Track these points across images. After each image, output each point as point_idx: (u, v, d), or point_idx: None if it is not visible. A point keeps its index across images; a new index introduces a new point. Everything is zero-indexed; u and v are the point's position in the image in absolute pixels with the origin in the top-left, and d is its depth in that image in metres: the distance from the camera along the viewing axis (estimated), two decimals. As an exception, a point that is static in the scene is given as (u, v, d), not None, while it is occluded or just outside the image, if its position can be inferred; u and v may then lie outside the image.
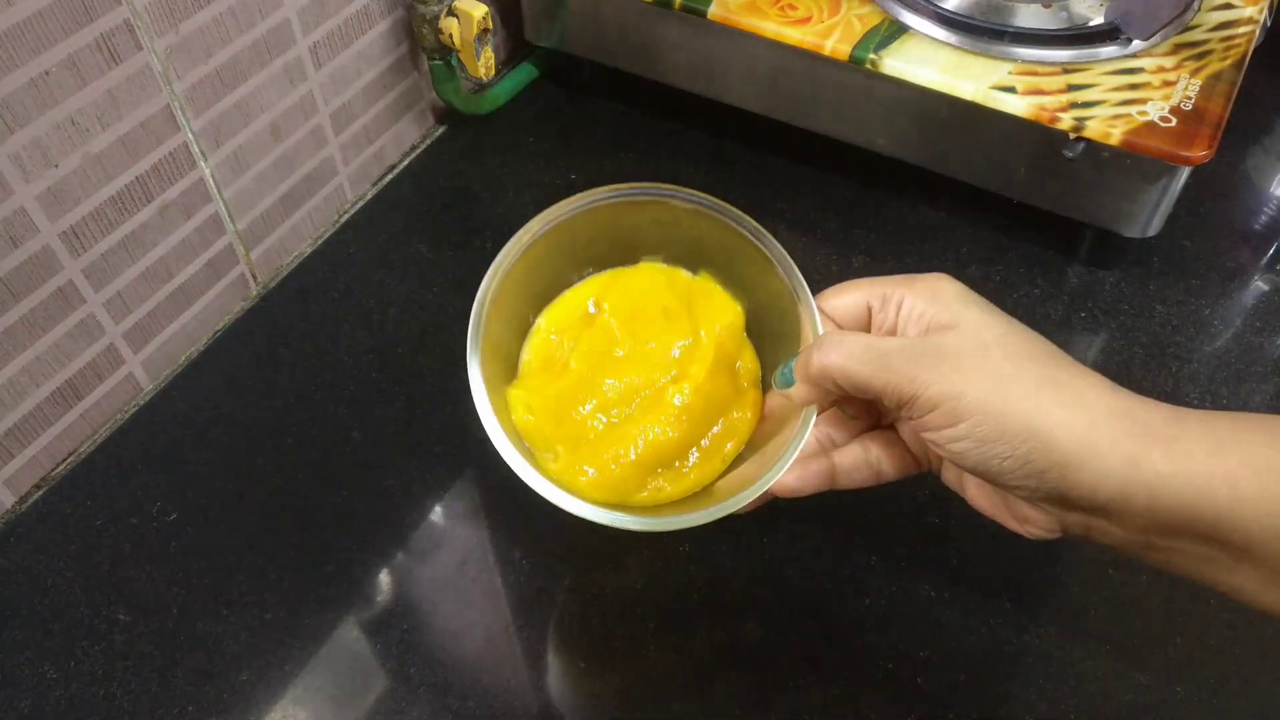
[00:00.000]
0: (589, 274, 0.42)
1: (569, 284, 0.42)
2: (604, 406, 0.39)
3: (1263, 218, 0.63)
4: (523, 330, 0.41)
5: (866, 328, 0.36)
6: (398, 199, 0.63)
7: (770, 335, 0.40)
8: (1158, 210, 0.54)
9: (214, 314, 0.55)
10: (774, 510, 0.47)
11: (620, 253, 0.42)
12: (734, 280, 0.41)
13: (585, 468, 0.37)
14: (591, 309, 0.41)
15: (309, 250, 0.60)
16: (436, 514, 0.47)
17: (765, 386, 0.40)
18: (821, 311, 0.37)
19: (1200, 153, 0.50)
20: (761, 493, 0.35)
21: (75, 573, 0.45)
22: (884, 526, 0.47)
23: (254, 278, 0.57)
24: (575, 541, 0.46)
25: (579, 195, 0.39)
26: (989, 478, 0.31)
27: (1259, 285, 0.59)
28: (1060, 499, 0.31)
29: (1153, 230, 0.55)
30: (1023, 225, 0.60)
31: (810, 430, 0.35)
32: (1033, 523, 0.33)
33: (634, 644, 0.43)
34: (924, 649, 0.43)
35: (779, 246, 0.38)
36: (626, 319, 0.40)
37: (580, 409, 0.38)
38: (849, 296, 0.36)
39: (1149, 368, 0.54)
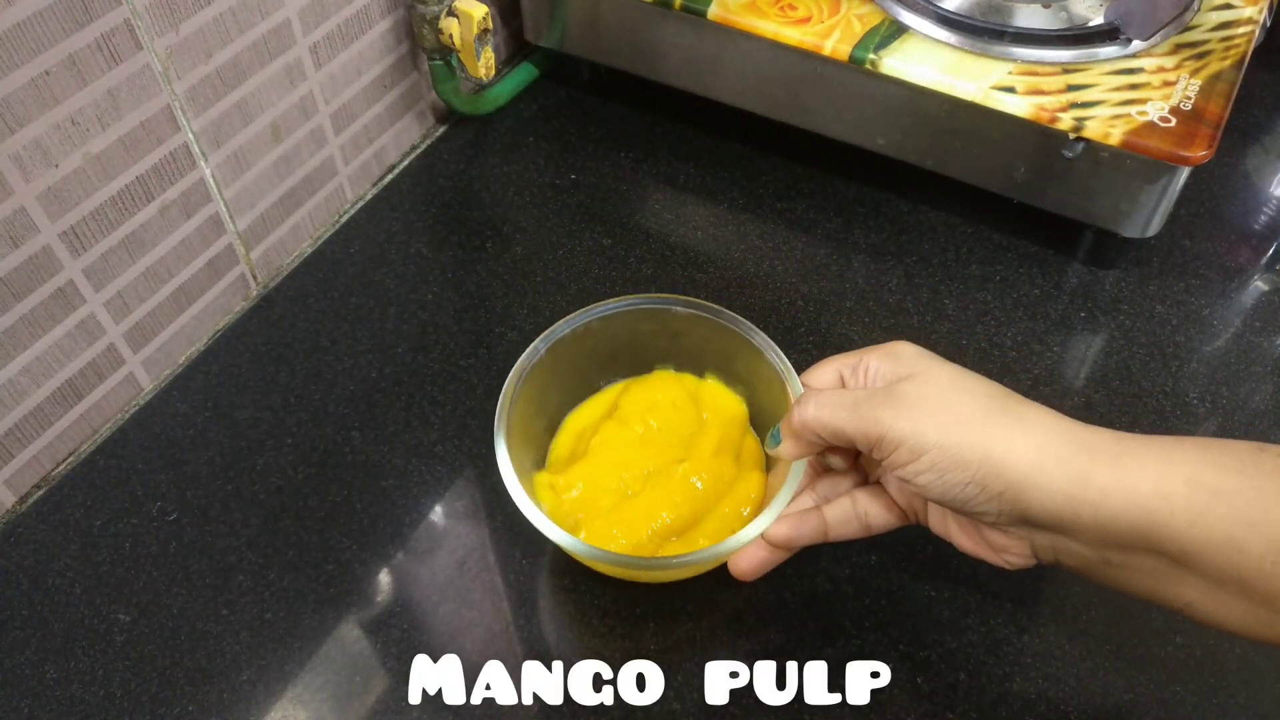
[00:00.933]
0: (613, 381, 0.48)
1: (592, 384, 0.48)
2: (620, 484, 0.43)
3: (1262, 218, 0.63)
4: (556, 419, 0.47)
5: None
6: (398, 199, 0.63)
7: (768, 421, 0.44)
8: (1157, 210, 0.54)
9: (214, 314, 0.55)
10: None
11: (636, 359, 0.48)
12: (735, 378, 0.47)
13: (605, 535, 0.42)
14: (611, 407, 0.47)
15: (309, 250, 0.60)
16: (436, 514, 0.47)
17: (769, 468, 0.45)
18: (805, 385, 0.41)
19: (1200, 153, 0.50)
20: (756, 535, 0.39)
21: (75, 573, 0.45)
22: (872, 536, 0.47)
23: (254, 278, 0.57)
24: (575, 541, 0.46)
25: (593, 305, 0.45)
26: (956, 506, 0.35)
27: (1259, 285, 0.59)
28: (1021, 518, 0.34)
29: (1152, 230, 0.55)
30: (1023, 225, 0.60)
31: (799, 479, 0.40)
32: (1008, 550, 0.36)
33: (633, 643, 0.43)
34: (924, 649, 0.43)
35: (765, 336, 0.44)
36: (641, 412, 0.45)
37: (599, 487, 0.43)
38: (825, 370, 0.40)
39: (1149, 367, 0.54)
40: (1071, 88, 0.53)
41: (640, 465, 0.44)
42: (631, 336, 0.47)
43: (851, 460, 0.41)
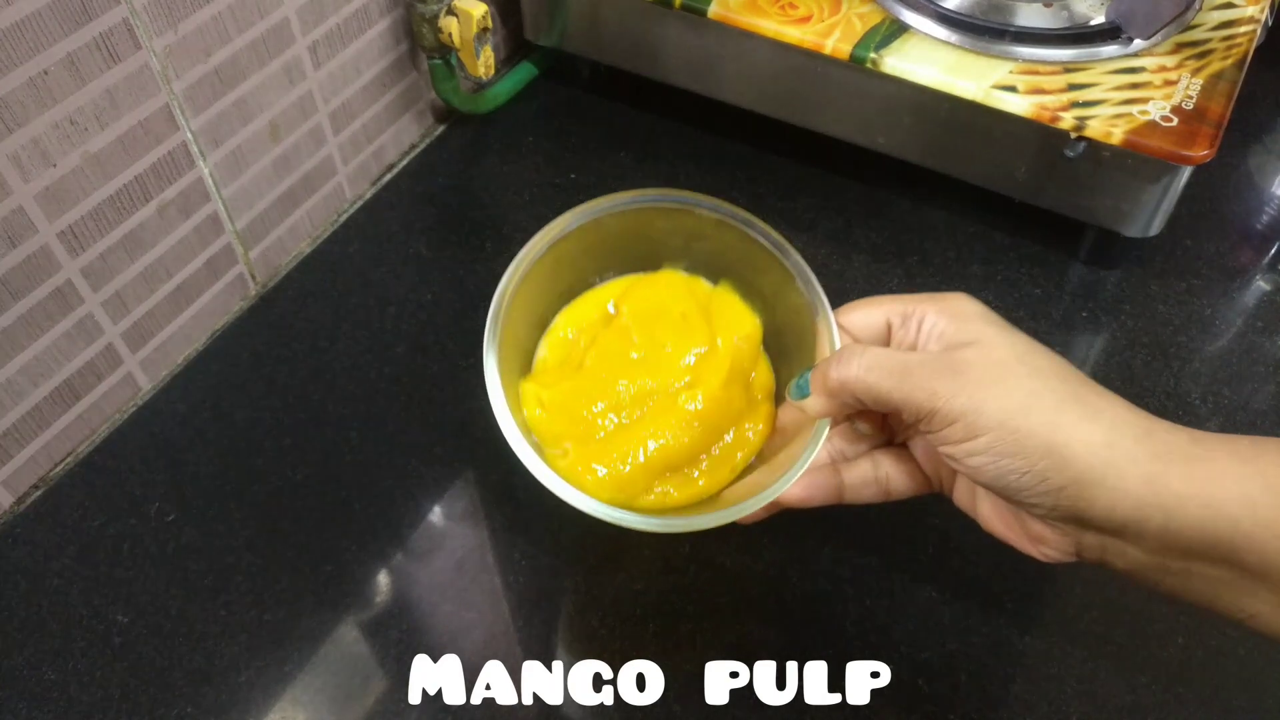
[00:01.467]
0: (610, 277, 0.43)
1: (592, 285, 0.43)
2: (616, 407, 0.39)
3: (1264, 217, 0.63)
4: (541, 326, 0.42)
5: (885, 344, 0.36)
6: (397, 198, 0.63)
7: (786, 350, 0.40)
8: (1159, 210, 0.54)
9: (213, 314, 0.55)
10: (774, 510, 0.47)
11: (643, 258, 0.42)
12: (753, 293, 0.42)
13: (594, 465, 0.37)
14: (610, 310, 0.42)
15: (308, 250, 0.60)
16: (436, 514, 0.47)
17: (779, 400, 0.41)
18: (840, 326, 0.37)
19: (1202, 152, 0.50)
20: (768, 502, 0.35)
21: (74, 573, 0.45)
22: (885, 527, 0.47)
23: (253, 277, 0.57)
24: (575, 542, 0.46)
25: (608, 196, 0.39)
26: (1005, 494, 0.31)
27: (1260, 285, 0.58)
28: (1076, 518, 0.31)
29: (1154, 230, 0.55)
30: (1024, 225, 0.60)
31: (823, 440, 0.35)
32: (1048, 544, 0.32)
33: (633, 644, 0.43)
34: (925, 650, 0.43)
35: (801, 260, 0.39)
36: (644, 322, 0.40)
37: (592, 408, 0.39)
38: (869, 312, 0.36)
39: (1150, 367, 0.54)
40: (1073, 87, 0.53)
41: (639, 387, 0.39)
42: (645, 234, 0.41)
43: (880, 424, 0.37)
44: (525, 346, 0.41)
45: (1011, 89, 0.53)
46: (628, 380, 0.39)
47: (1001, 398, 0.31)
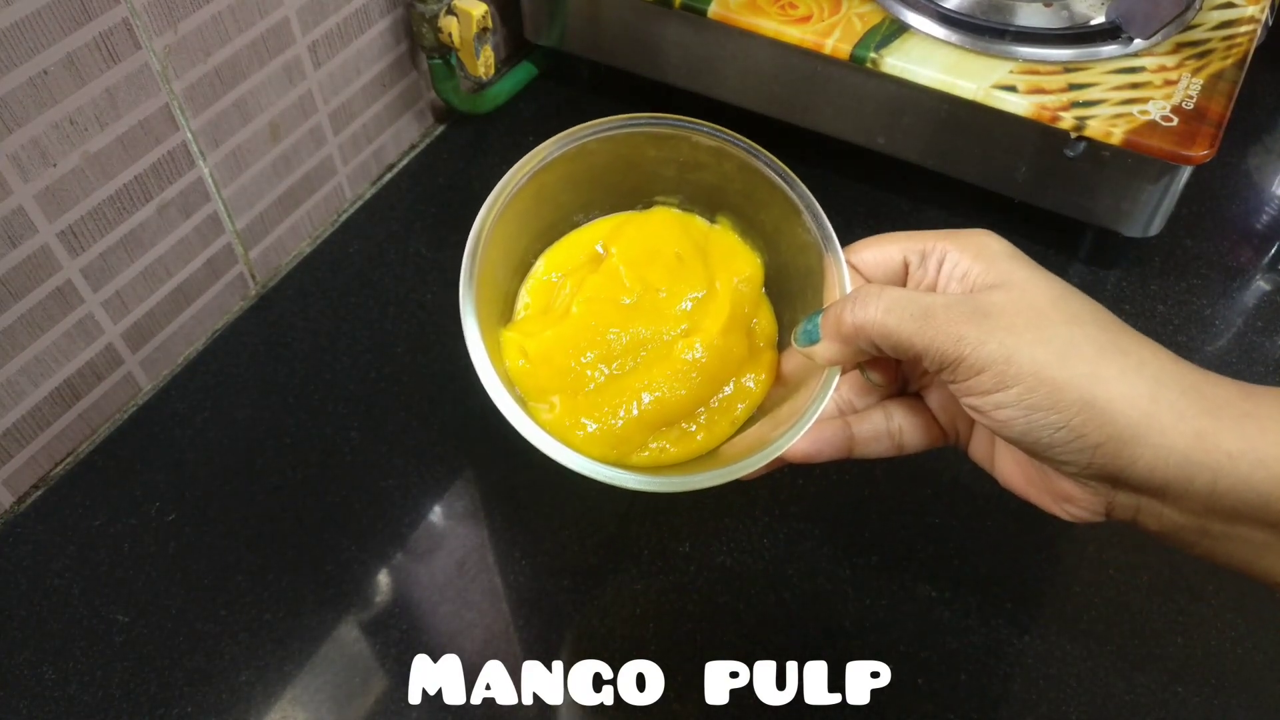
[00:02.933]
0: (597, 216, 0.39)
1: (576, 223, 0.39)
2: (607, 357, 0.35)
3: (1264, 217, 0.63)
4: (522, 270, 0.38)
5: (901, 285, 0.33)
6: (397, 198, 0.63)
7: (790, 293, 0.37)
8: (1159, 210, 0.54)
9: (213, 314, 0.55)
10: (774, 509, 0.47)
11: (634, 192, 0.39)
12: (754, 229, 0.39)
13: (583, 420, 0.34)
14: (599, 252, 0.38)
15: (308, 250, 0.60)
16: (436, 514, 0.47)
17: (782, 347, 0.38)
18: (851, 266, 0.34)
19: (1202, 152, 0.50)
20: (773, 459, 0.32)
21: (74, 573, 0.45)
22: (884, 525, 0.47)
23: (253, 277, 0.57)
24: (575, 541, 0.46)
25: (594, 122, 0.36)
26: (1034, 451, 0.29)
27: (1260, 285, 0.58)
28: (1113, 476, 0.28)
29: (1154, 230, 0.55)
30: (1024, 224, 0.60)
31: (832, 390, 0.32)
32: (1075, 502, 0.30)
33: (633, 644, 0.43)
34: (925, 649, 0.43)
35: (808, 193, 0.35)
36: (636, 265, 0.37)
37: (580, 358, 0.35)
38: (883, 249, 0.33)
39: (1150, 367, 0.54)
40: (1073, 87, 0.53)
41: (631, 334, 0.36)
42: (635, 163, 0.38)
43: (893, 373, 0.34)
44: (505, 291, 0.37)
45: (1011, 89, 0.53)
46: (619, 328, 0.36)
47: (1035, 345, 0.28)
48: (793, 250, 0.36)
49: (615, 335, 0.36)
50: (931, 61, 0.54)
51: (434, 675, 0.41)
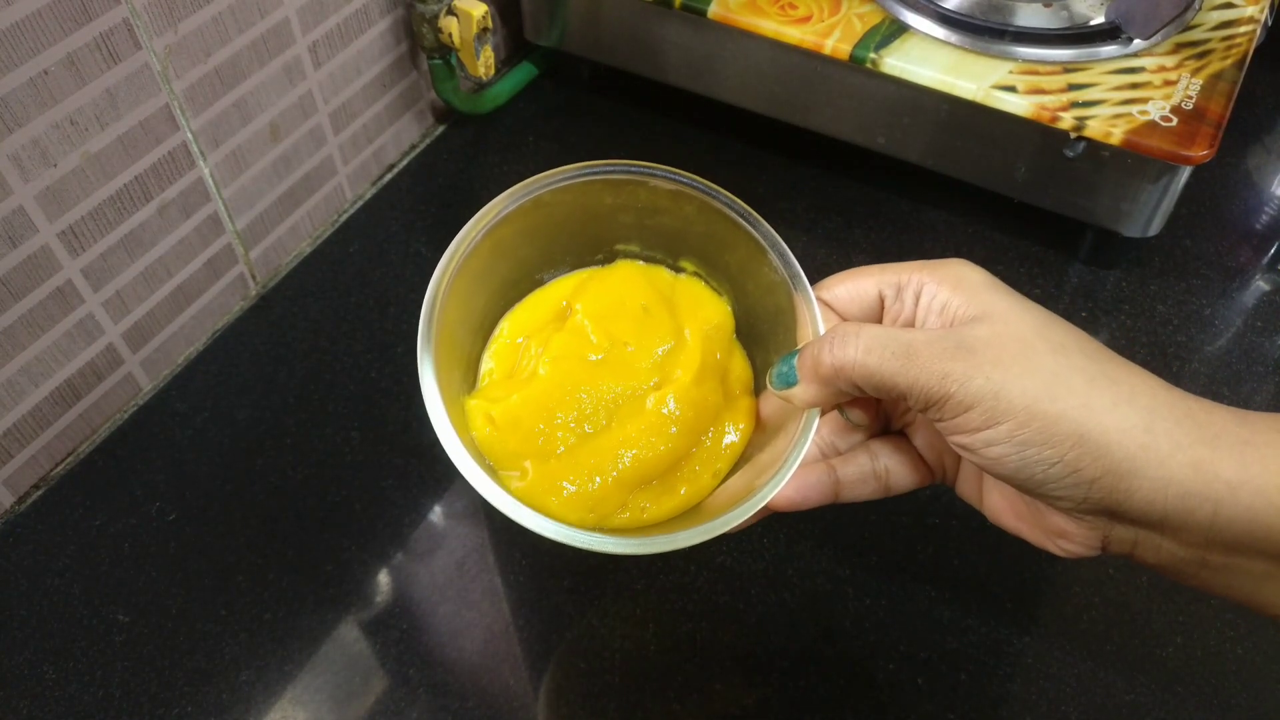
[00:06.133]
0: (557, 272, 0.38)
1: (537, 281, 0.38)
2: (578, 418, 0.34)
3: (1264, 217, 0.63)
4: (484, 333, 0.37)
5: (876, 320, 0.33)
6: (397, 198, 0.63)
7: (761, 336, 0.37)
8: (1158, 210, 0.54)
9: (213, 314, 0.55)
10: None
11: (593, 241, 0.38)
12: (719, 273, 0.38)
13: (558, 484, 0.33)
14: (563, 309, 0.37)
15: (308, 250, 0.60)
16: (436, 514, 0.47)
17: (759, 391, 0.37)
18: (822, 303, 0.33)
19: (1201, 152, 0.50)
20: (758, 509, 0.31)
21: (74, 573, 0.45)
22: (884, 525, 0.47)
23: (253, 277, 0.57)
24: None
25: (548, 173, 0.35)
26: (1028, 488, 0.28)
27: (1260, 285, 0.59)
28: (1110, 510, 0.28)
29: (1153, 230, 0.55)
30: (1023, 225, 0.60)
31: (813, 434, 0.32)
32: (1070, 538, 0.29)
33: (633, 644, 0.43)
34: (924, 649, 0.43)
35: (771, 231, 0.35)
36: (601, 320, 0.36)
37: (550, 420, 0.34)
38: (856, 283, 0.32)
39: (1150, 367, 0.53)
40: (1072, 87, 0.53)
41: (603, 393, 0.34)
42: (592, 212, 0.36)
43: (874, 413, 0.33)
44: (468, 356, 0.36)
45: (1011, 89, 0.53)
46: (588, 386, 0.35)
47: (1023, 379, 0.27)
48: (761, 291, 0.36)
49: (585, 394, 0.35)
50: (931, 62, 0.54)
51: (434, 675, 0.41)
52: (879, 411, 0.33)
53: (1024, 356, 0.28)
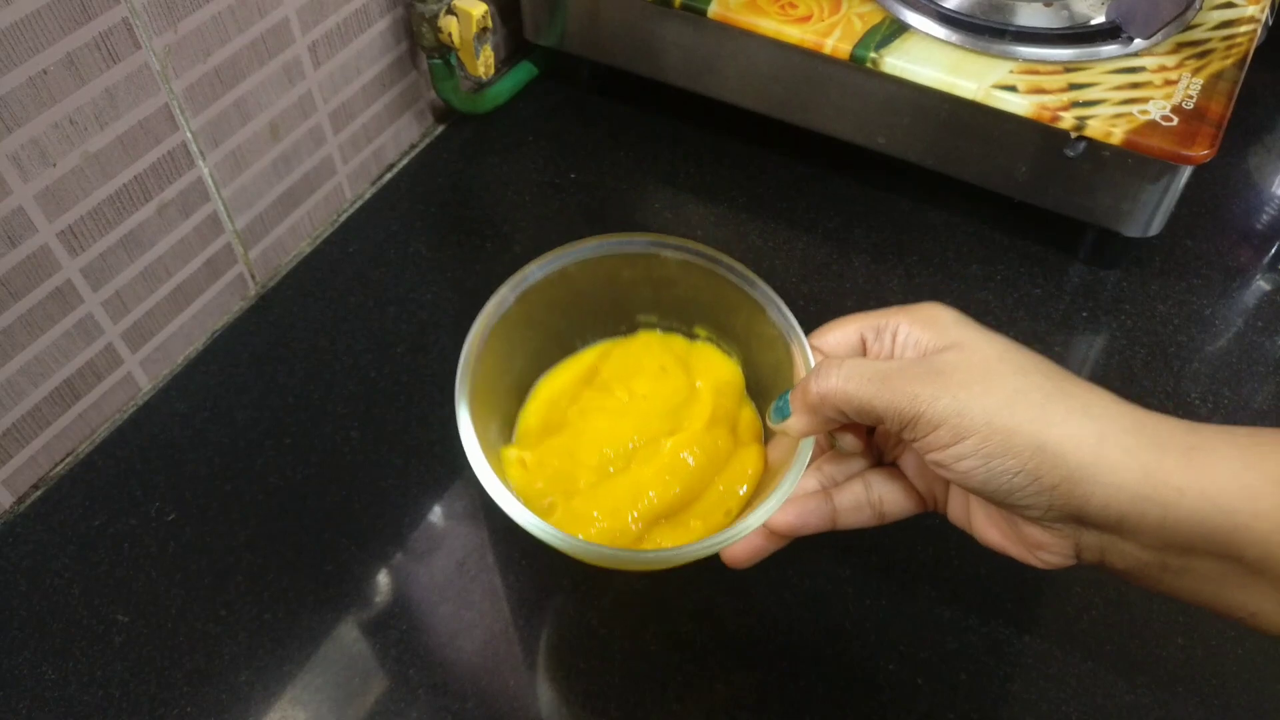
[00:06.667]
0: (586, 341, 0.43)
1: (569, 349, 0.43)
2: (599, 461, 0.38)
3: (1264, 217, 0.63)
4: (521, 394, 0.42)
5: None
6: (397, 198, 0.63)
7: (766, 387, 0.40)
8: (1159, 209, 0.54)
9: (213, 314, 0.55)
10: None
11: (616, 311, 0.42)
12: (729, 336, 0.42)
13: (582, 520, 0.37)
14: (590, 371, 0.42)
15: (308, 249, 0.60)
16: (436, 514, 0.47)
17: (767, 440, 0.40)
18: (815, 348, 0.36)
19: (1202, 152, 0.50)
20: (756, 526, 0.34)
21: (74, 573, 0.45)
22: (884, 526, 0.47)
23: (253, 277, 0.57)
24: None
25: (570, 245, 0.39)
26: (998, 498, 0.31)
27: (1260, 284, 0.58)
28: (1073, 515, 0.30)
29: (1154, 229, 0.55)
30: (1024, 224, 0.60)
31: (807, 461, 0.35)
32: (1046, 548, 0.32)
33: (633, 644, 0.43)
34: (924, 648, 0.43)
35: (769, 290, 0.38)
36: (624, 378, 0.40)
37: (575, 464, 0.38)
38: (842, 330, 0.36)
39: (1150, 367, 0.54)
40: (1073, 86, 0.53)
41: (623, 439, 0.39)
42: (613, 284, 0.41)
43: (865, 440, 0.36)
44: (506, 413, 0.41)
45: (1012, 89, 0.53)
46: (610, 434, 0.39)
47: (985, 396, 0.30)
48: (764, 347, 0.39)
49: (607, 441, 0.39)
50: (931, 61, 0.54)
51: (433, 675, 0.41)
52: (868, 440, 0.36)
53: (986, 378, 0.30)
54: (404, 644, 0.43)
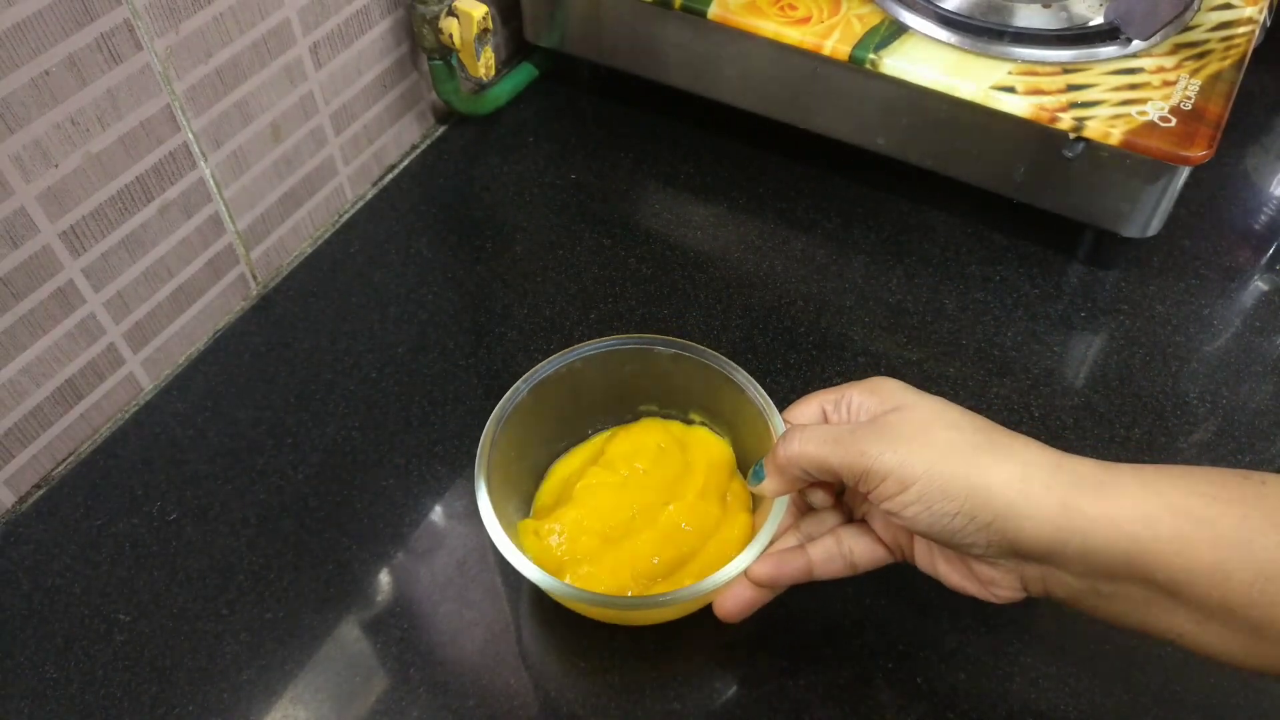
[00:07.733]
0: (594, 429, 0.48)
1: (581, 436, 0.48)
2: (605, 527, 0.43)
3: (1262, 217, 0.63)
4: (539, 474, 0.47)
5: None
6: (398, 199, 0.63)
7: (749, 459, 0.44)
8: (1157, 210, 0.54)
9: (214, 314, 0.55)
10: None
11: (621, 403, 0.48)
12: (720, 419, 0.47)
13: (589, 581, 0.41)
14: (597, 454, 0.46)
15: (309, 250, 0.60)
16: (436, 514, 0.47)
17: (755, 510, 0.44)
18: (787, 422, 0.41)
19: (1200, 152, 0.50)
20: (736, 574, 0.38)
21: (75, 573, 0.45)
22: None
23: (254, 277, 0.57)
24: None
25: (577, 346, 0.45)
26: (944, 539, 0.34)
27: (1259, 285, 0.59)
28: (1010, 549, 0.33)
29: (1152, 230, 0.55)
30: (1022, 225, 0.60)
31: (783, 515, 0.40)
32: (996, 583, 0.35)
33: (634, 644, 0.43)
34: (924, 648, 0.43)
35: (747, 375, 0.44)
36: (626, 457, 0.45)
37: (582, 532, 0.42)
38: (807, 406, 0.41)
39: (1149, 367, 0.54)
40: (1071, 87, 0.53)
41: (625, 509, 0.43)
42: (616, 377, 0.46)
43: (834, 497, 0.41)
44: (524, 491, 0.46)
45: (1010, 90, 0.53)
46: (612, 504, 0.43)
47: (924, 449, 0.34)
48: (746, 422, 0.44)
49: (611, 510, 0.43)
50: (931, 63, 0.54)
51: (434, 674, 0.41)
52: (840, 502, 0.41)
53: (923, 433, 0.35)
54: (405, 643, 0.43)
